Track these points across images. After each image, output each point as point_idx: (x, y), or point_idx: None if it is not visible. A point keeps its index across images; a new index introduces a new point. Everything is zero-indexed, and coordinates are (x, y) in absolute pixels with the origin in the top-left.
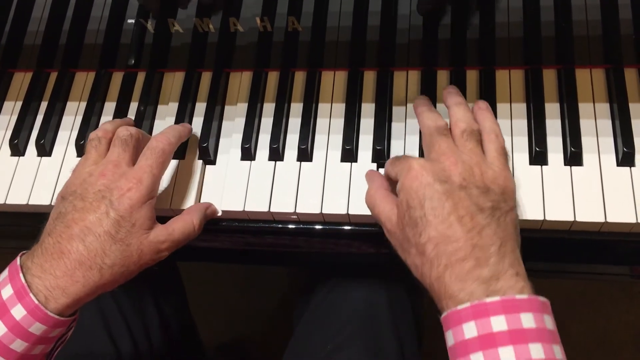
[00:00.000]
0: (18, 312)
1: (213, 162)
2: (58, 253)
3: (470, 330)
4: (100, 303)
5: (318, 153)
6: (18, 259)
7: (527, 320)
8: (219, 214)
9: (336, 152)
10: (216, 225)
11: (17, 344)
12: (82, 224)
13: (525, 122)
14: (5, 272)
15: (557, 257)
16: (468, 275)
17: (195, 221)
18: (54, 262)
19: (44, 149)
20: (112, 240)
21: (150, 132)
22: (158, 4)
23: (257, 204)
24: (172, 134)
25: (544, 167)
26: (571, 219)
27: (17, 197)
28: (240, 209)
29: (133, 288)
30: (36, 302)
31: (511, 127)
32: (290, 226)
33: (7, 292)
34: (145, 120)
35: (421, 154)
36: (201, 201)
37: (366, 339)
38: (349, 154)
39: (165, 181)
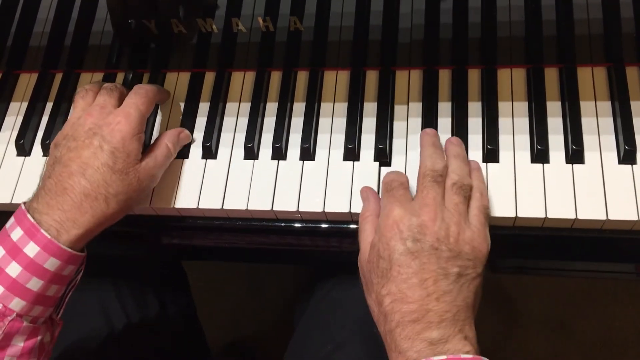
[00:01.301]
0: (31, 249)
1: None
2: (61, 190)
3: None
4: (104, 302)
5: (320, 152)
6: (22, 205)
7: None
8: (190, 140)
9: (338, 151)
10: (220, 224)
11: (33, 283)
12: (78, 160)
13: (526, 120)
14: (12, 219)
15: (560, 254)
16: (417, 335)
17: (170, 144)
18: (59, 199)
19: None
20: (112, 171)
21: (152, 131)
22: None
23: (260, 203)
24: (155, 85)
25: (545, 165)
26: (573, 216)
27: (23, 197)
28: (243, 207)
29: (137, 287)
30: (49, 236)
31: (513, 125)
32: (294, 225)
33: (17, 233)
34: (149, 117)
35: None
36: (203, 200)
37: (366, 339)
38: (351, 153)
39: (169, 180)
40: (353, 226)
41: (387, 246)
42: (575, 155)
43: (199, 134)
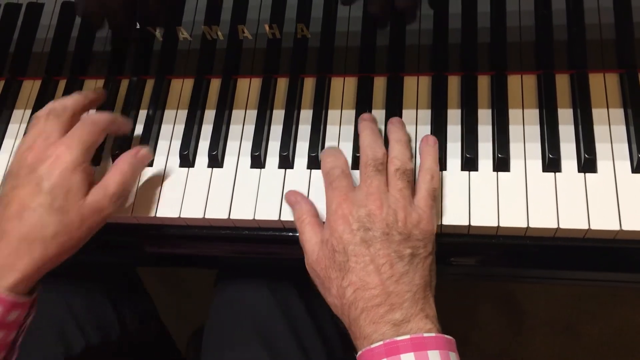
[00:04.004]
0: None
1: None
2: (1, 234)
3: None
4: (61, 326)
5: None
6: None
7: (434, 357)
8: (152, 157)
9: (347, 159)
10: (226, 233)
11: None
12: (17, 201)
13: (537, 128)
14: None
15: (572, 265)
16: (381, 318)
17: (126, 168)
18: None
19: None
20: (49, 211)
21: (156, 138)
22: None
23: (267, 213)
24: (108, 114)
25: (557, 174)
26: (585, 227)
27: None
28: (250, 217)
29: (94, 301)
30: None
31: (523, 133)
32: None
33: None
34: (154, 128)
35: None
36: (209, 210)
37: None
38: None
39: (175, 190)
40: None
41: (340, 240)
42: (587, 164)
43: (204, 142)
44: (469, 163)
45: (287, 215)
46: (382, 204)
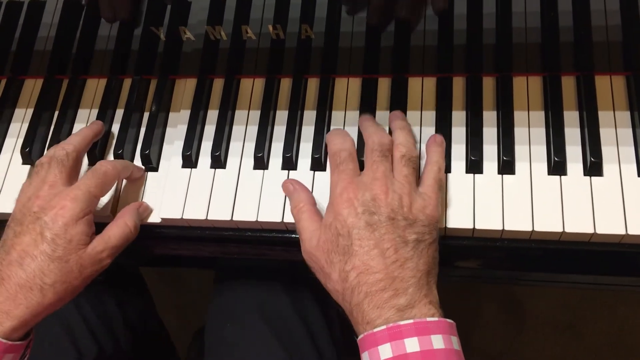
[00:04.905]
0: None
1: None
2: (0, 279)
3: (385, 351)
4: (66, 319)
5: None
6: None
7: (437, 342)
8: (154, 213)
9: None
10: (229, 235)
11: None
12: (19, 248)
13: (543, 130)
14: None
15: (577, 268)
16: (385, 303)
17: (130, 223)
18: None
19: None
20: (50, 260)
21: (162, 139)
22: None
23: (270, 214)
24: (122, 163)
25: (562, 177)
26: (591, 231)
27: None
28: (253, 219)
29: (97, 300)
30: None
31: (529, 135)
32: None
33: None
34: (157, 128)
35: None
36: (212, 211)
37: None
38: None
39: (177, 190)
40: None
41: (344, 223)
42: (593, 167)
43: (207, 142)
44: (474, 165)
45: (291, 217)
46: (388, 189)
